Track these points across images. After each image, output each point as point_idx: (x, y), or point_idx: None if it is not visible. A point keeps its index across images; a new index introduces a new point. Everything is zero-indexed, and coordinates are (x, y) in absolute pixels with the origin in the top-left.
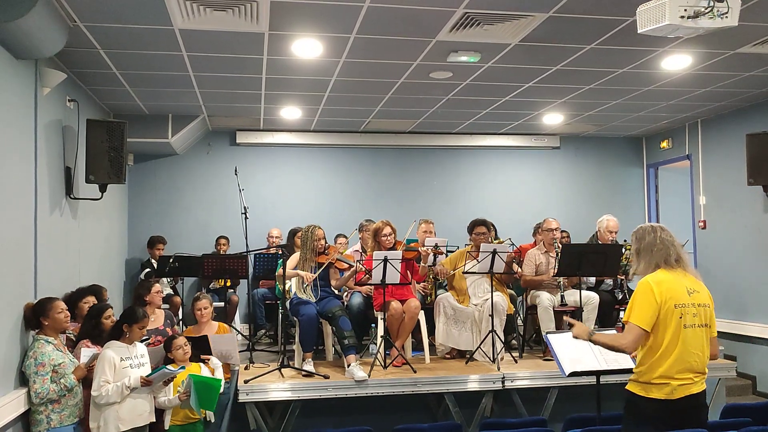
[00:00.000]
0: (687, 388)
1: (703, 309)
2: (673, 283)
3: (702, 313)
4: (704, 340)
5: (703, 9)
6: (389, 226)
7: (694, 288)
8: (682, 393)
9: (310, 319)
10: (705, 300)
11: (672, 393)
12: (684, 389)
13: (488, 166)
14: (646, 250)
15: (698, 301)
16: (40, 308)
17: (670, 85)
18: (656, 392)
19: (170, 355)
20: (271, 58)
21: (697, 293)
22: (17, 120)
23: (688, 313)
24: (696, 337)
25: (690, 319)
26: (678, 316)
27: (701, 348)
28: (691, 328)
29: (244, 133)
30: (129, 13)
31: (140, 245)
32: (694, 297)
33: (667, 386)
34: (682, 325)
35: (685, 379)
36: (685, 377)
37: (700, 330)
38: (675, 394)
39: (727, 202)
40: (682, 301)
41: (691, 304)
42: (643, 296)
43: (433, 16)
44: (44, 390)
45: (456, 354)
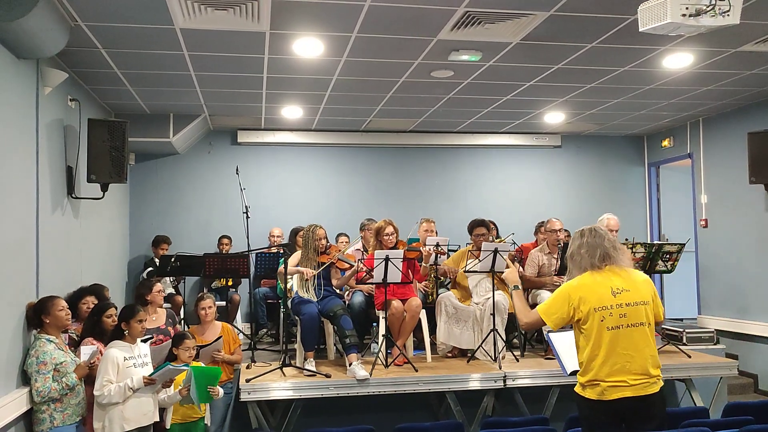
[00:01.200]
0: (619, 390)
1: (634, 308)
2: (595, 287)
3: (633, 312)
4: (640, 340)
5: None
6: (391, 225)
7: (622, 287)
8: (614, 395)
9: (311, 318)
10: (637, 297)
11: (603, 394)
12: (615, 391)
13: (489, 164)
14: (571, 257)
15: (626, 301)
16: (41, 306)
17: (671, 84)
18: (589, 393)
19: (175, 351)
20: (272, 57)
21: (626, 292)
22: (19, 119)
23: (612, 315)
24: (626, 338)
25: (614, 321)
26: (599, 320)
27: (635, 348)
28: (616, 330)
29: (246, 132)
30: (130, 13)
31: (142, 244)
32: (621, 297)
33: (598, 387)
34: (604, 327)
35: (619, 381)
36: (617, 379)
37: (630, 330)
38: (606, 396)
39: (728, 200)
40: (603, 304)
41: (616, 305)
42: (559, 297)
43: (434, 15)
44: (46, 388)
45: (457, 353)
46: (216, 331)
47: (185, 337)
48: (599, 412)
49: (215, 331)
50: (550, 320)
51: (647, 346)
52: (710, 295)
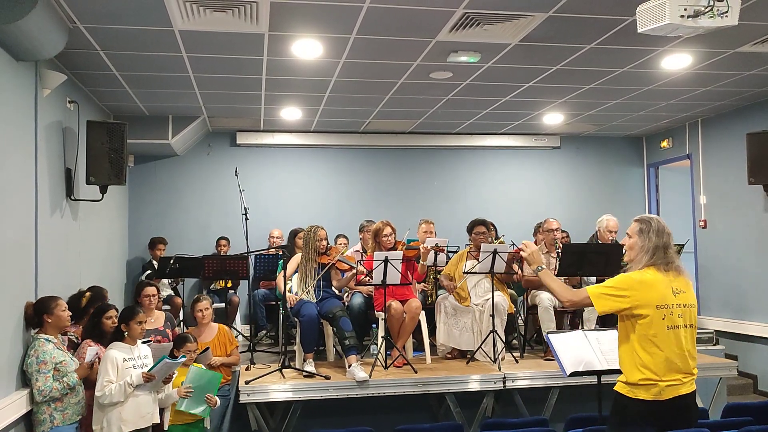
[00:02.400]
0: (675, 389)
1: (689, 309)
2: (658, 284)
3: (687, 314)
4: (691, 340)
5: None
6: (389, 226)
7: (680, 288)
8: (670, 394)
9: (310, 320)
10: (691, 300)
11: (660, 394)
12: (672, 390)
13: (488, 166)
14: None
15: (684, 302)
16: (43, 306)
17: (670, 85)
18: (643, 393)
19: (176, 353)
20: (271, 59)
21: (683, 293)
22: (17, 121)
23: (673, 314)
24: (682, 338)
25: (674, 320)
26: (661, 317)
27: (686, 348)
28: (674, 329)
29: (245, 134)
30: (129, 15)
31: (141, 246)
32: (680, 297)
33: (655, 387)
34: (665, 326)
35: (673, 380)
36: (672, 378)
37: (685, 330)
38: (663, 395)
39: (727, 201)
40: (666, 302)
41: (675, 304)
42: (618, 283)
43: (433, 17)
44: (47, 387)
45: (457, 354)
46: (213, 332)
47: (187, 340)
48: (649, 414)
49: (212, 333)
50: (601, 304)
51: (694, 346)
52: (709, 296)
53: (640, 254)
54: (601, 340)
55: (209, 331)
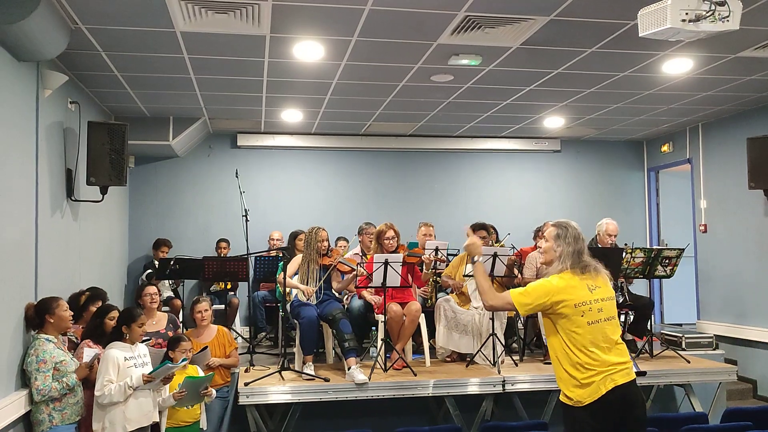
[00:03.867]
0: (611, 379)
1: (608, 302)
2: (575, 285)
3: (606, 307)
4: (614, 331)
5: (704, 13)
6: (392, 229)
7: (595, 284)
8: (608, 386)
9: (310, 322)
10: (608, 293)
11: (598, 390)
12: (609, 381)
13: (489, 169)
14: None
15: (601, 296)
16: (44, 306)
17: (671, 89)
18: (585, 395)
19: (171, 354)
20: (272, 61)
21: (599, 288)
22: (19, 122)
23: (592, 310)
24: (605, 331)
25: (594, 315)
26: (580, 315)
27: (613, 340)
28: (596, 324)
29: (245, 135)
30: (130, 16)
31: (141, 247)
32: (597, 293)
33: (592, 385)
34: (586, 322)
35: (606, 371)
36: (605, 370)
37: (607, 323)
38: (601, 390)
39: (728, 205)
40: (583, 300)
41: (593, 300)
42: (539, 288)
43: (435, 19)
44: (46, 387)
45: (456, 357)
46: (212, 334)
47: (181, 340)
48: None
49: (211, 335)
50: (522, 307)
51: (618, 336)
52: (709, 301)
53: (557, 259)
54: None
55: (208, 332)
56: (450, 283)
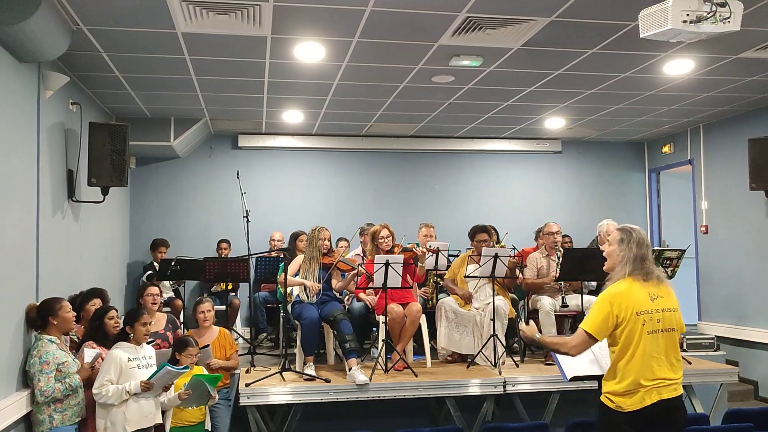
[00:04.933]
0: (657, 392)
1: (669, 314)
2: (636, 292)
3: (667, 318)
4: (672, 345)
5: (705, 14)
6: (387, 228)
7: (658, 294)
8: (653, 399)
9: (311, 323)
10: (670, 305)
11: (642, 400)
12: (654, 394)
13: (490, 170)
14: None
15: (662, 307)
16: (48, 307)
17: (672, 90)
18: (626, 402)
19: (178, 356)
20: (273, 62)
21: (661, 298)
22: (20, 123)
23: (653, 319)
24: (661, 342)
25: (654, 325)
26: (641, 323)
27: (667, 352)
28: (654, 334)
29: (246, 136)
30: (132, 17)
31: (142, 248)
32: (658, 303)
33: (636, 394)
34: (645, 331)
35: (655, 384)
36: (654, 382)
37: (664, 335)
38: (645, 401)
39: (729, 206)
40: (644, 308)
41: (654, 309)
42: (601, 307)
43: (436, 20)
44: (49, 388)
45: (457, 358)
46: (213, 335)
47: (188, 344)
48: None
49: (212, 336)
50: (598, 332)
51: (677, 350)
52: (710, 302)
53: (620, 264)
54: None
55: (210, 333)
56: (458, 293)
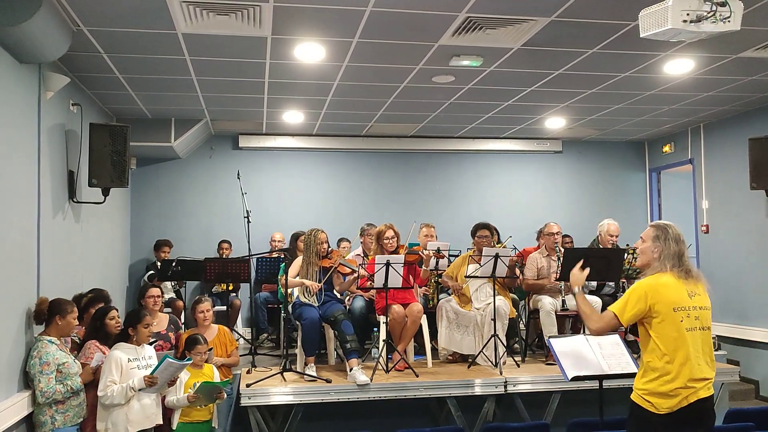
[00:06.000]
0: (695, 393)
1: (705, 312)
2: (674, 287)
3: (703, 316)
4: (708, 343)
5: (705, 13)
6: (392, 229)
7: (695, 291)
8: (690, 399)
9: (312, 323)
10: (706, 303)
11: (679, 402)
12: (692, 394)
13: (490, 170)
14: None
15: (699, 304)
16: (58, 307)
17: (672, 90)
18: (662, 402)
19: (188, 353)
20: (273, 62)
21: (698, 296)
22: (21, 124)
23: (690, 316)
24: (699, 340)
25: (692, 323)
26: (679, 320)
27: (704, 351)
28: (692, 331)
29: (247, 137)
30: (132, 18)
31: (143, 249)
32: (695, 300)
33: (674, 394)
34: (684, 328)
35: (692, 383)
36: (692, 381)
37: (702, 333)
38: (682, 402)
39: (729, 206)
40: (682, 305)
41: (692, 307)
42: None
43: (436, 21)
44: (50, 389)
45: (458, 358)
46: (213, 334)
47: (197, 342)
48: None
49: (212, 334)
50: (625, 315)
51: (712, 349)
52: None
53: (657, 261)
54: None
55: (209, 332)
56: (450, 284)
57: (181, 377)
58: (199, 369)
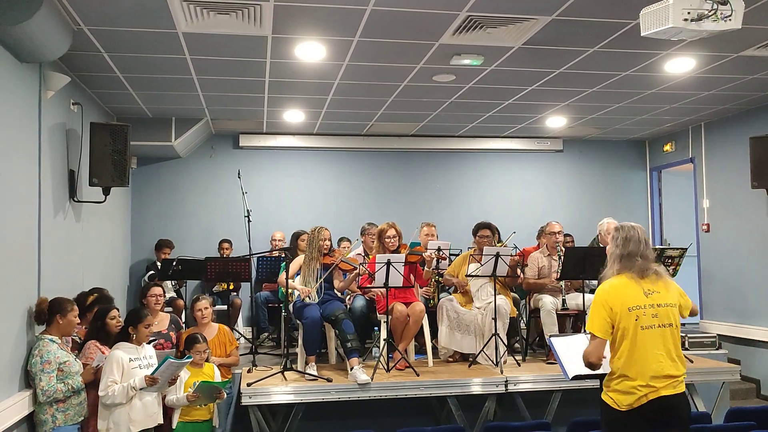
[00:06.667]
0: (655, 391)
1: (665, 309)
2: (628, 287)
3: (663, 313)
4: (670, 340)
5: (706, 12)
6: (394, 228)
7: (653, 289)
8: (651, 396)
9: (313, 322)
10: (666, 300)
11: (640, 399)
12: (652, 392)
13: (491, 169)
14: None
15: (657, 302)
16: (59, 306)
17: (673, 88)
18: (625, 399)
19: (187, 352)
20: (274, 62)
21: (657, 293)
22: (21, 123)
23: (646, 314)
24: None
25: (649, 320)
26: (633, 318)
27: (666, 348)
28: (649, 329)
29: (247, 136)
30: (133, 17)
31: (143, 248)
32: (653, 298)
33: (635, 391)
34: (639, 326)
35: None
36: (652, 380)
37: (661, 330)
38: (642, 399)
39: (730, 205)
40: (637, 303)
41: (648, 305)
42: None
43: (436, 19)
44: (51, 388)
45: (459, 357)
46: (212, 332)
47: (196, 341)
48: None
49: (212, 333)
50: (602, 333)
51: (676, 346)
52: (712, 300)
53: (609, 262)
54: None
55: (209, 330)
56: (453, 281)
57: (181, 376)
58: (199, 368)
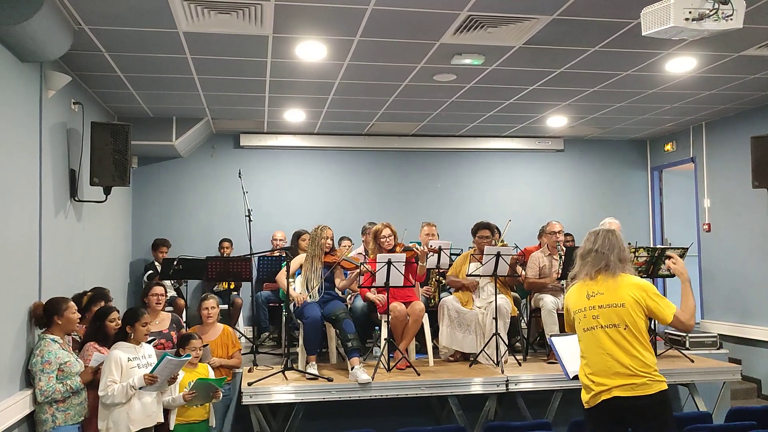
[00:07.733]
0: (607, 392)
1: (609, 310)
2: (574, 291)
3: (605, 315)
4: (618, 341)
5: (707, 11)
6: (389, 227)
7: (596, 291)
8: (601, 397)
9: (314, 322)
10: (610, 300)
11: (595, 399)
12: (603, 393)
13: (492, 168)
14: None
15: (599, 303)
16: (54, 307)
17: (674, 88)
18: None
19: (182, 351)
20: (275, 61)
21: (600, 295)
22: (22, 122)
23: (587, 317)
24: (601, 340)
25: (589, 322)
26: (577, 322)
27: (611, 350)
28: (590, 331)
29: (248, 135)
30: (134, 16)
31: (144, 247)
32: (594, 300)
33: (590, 391)
34: (582, 329)
35: (602, 382)
36: (601, 380)
37: (605, 331)
38: (596, 399)
39: (731, 205)
40: (578, 306)
41: (588, 307)
42: None
43: (437, 19)
44: (50, 388)
45: (460, 357)
46: (217, 332)
47: (191, 338)
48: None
49: (216, 333)
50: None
51: (624, 347)
52: (713, 300)
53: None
54: None
55: (214, 330)
56: (464, 282)
57: None
58: (193, 368)
